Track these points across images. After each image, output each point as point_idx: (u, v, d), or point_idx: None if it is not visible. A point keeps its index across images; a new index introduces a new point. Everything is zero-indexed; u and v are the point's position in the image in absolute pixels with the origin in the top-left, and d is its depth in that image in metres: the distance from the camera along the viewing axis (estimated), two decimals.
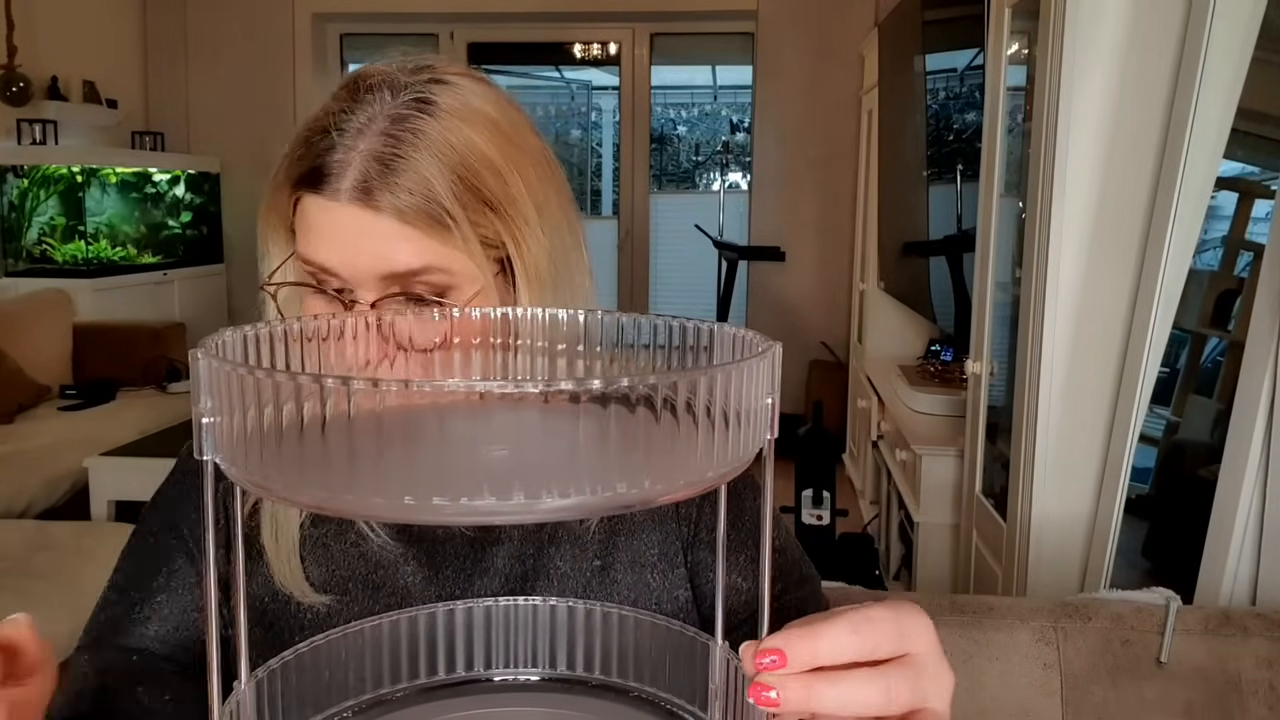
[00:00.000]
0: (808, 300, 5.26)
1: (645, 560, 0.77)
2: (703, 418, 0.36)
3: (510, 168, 0.68)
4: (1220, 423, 1.83)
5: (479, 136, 0.67)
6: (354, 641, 0.52)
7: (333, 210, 0.66)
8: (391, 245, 0.65)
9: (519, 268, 0.68)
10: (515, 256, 0.68)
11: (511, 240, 0.68)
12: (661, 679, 0.54)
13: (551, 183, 0.72)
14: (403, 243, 0.65)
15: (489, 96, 0.70)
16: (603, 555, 0.75)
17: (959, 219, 2.96)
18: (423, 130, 0.66)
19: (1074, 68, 1.61)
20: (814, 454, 3.21)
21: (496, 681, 0.56)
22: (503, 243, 0.67)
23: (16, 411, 3.77)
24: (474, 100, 0.68)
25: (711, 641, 0.51)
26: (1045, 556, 1.77)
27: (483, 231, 0.66)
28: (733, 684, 0.48)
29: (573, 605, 0.56)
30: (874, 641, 0.44)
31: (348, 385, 0.32)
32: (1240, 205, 2.40)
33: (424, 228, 0.65)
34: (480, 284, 0.67)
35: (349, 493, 0.33)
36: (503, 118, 0.69)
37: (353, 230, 0.65)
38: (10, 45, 4.52)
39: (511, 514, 0.33)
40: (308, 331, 0.47)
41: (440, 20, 5.47)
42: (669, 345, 0.48)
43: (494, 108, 0.69)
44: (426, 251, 0.65)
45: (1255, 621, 1.16)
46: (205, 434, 0.36)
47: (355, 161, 0.65)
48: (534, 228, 0.68)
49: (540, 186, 0.70)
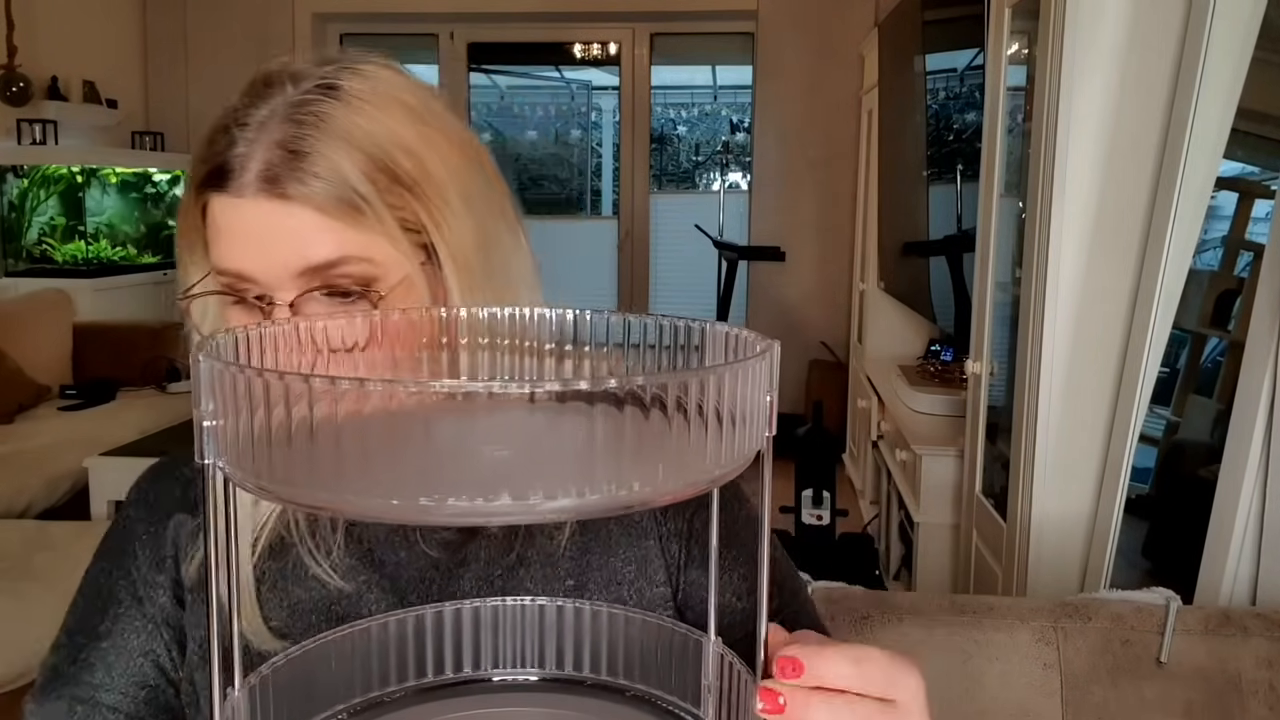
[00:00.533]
0: (808, 300, 5.26)
1: (621, 578, 0.73)
2: (704, 418, 0.36)
3: (426, 147, 0.65)
4: (1220, 423, 1.83)
5: (390, 117, 0.64)
6: (353, 642, 0.52)
7: (240, 207, 0.63)
8: (305, 237, 0.62)
9: (443, 251, 0.65)
10: (437, 240, 0.65)
11: (432, 222, 0.64)
12: (660, 678, 0.54)
13: (478, 169, 0.68)
14: (317, 233, 0.62)
15: (401, 81, 0.67)
16: (576, 574, 0.72)
17: (959, 219, 2.96)
18: (329, 114, 0.63)
19: (1074, 68, 1.61)
20: (814, 454, 3.21)
21: (496, 681, 0.55)
22: (424, 226, 0.64)
23: (16, 411, 3.77)
24: (383, 85, 0.66)
25: (705, 639, 0.51)
26: (1045, 556, 1.77)
27: (400, 214, 0.63)
28: (726, 681, 0.49)
29: (573, 605, 0.56)
30: (869, 678, 0.47)
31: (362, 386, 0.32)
32: (1240, 205, 2.40)
33: (338, 215, 0.62)
34: (405, 271, 0.64)
35: (358, 494, 0.33)
36: (416, 101, 0.66)
37: (263, 225, 0.62)
38: (10, 45, 4.52)
39: (513, 514, 0.33)
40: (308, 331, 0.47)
41: (440, 20, 5.48)
42: (672, 345, 0.48)
43: (407, 92, 0.66)
44: (344, 241, 0.63)
45: (1255, 621, 1.16)
46: (207, 437, 0.35)
47: (258, 153, 0.62)
48: (456, 210, 0.65)
49: (462, 169, 0.67)
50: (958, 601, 1.18)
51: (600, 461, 0.34)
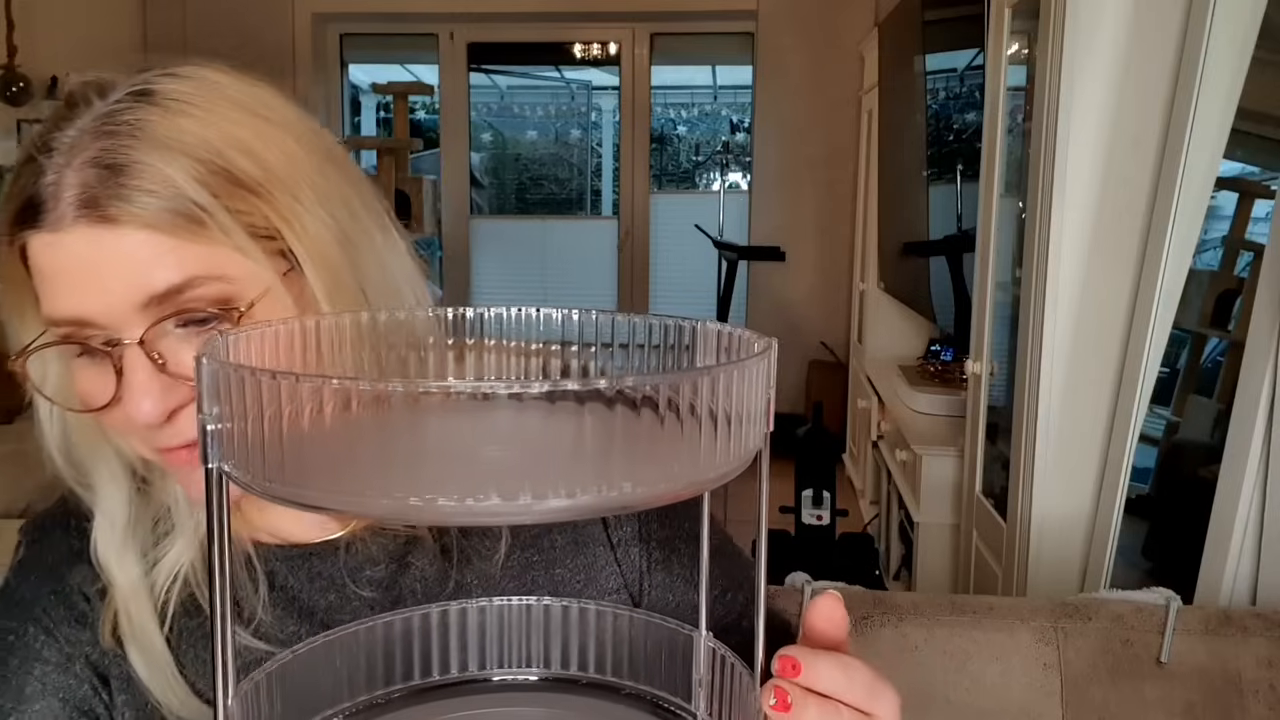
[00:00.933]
0: (808, 300, 5.26)
1: (569, 590, 0.71)
2: (701, 417, 0.36)
3: (265, 144, 0.58)
4: (1220, 423, 1.83)
5: (219, 116, 0.57)
6: (351, 643, 0.52)
7: (61, 244, 0.55)
8: (143, 263, 0.55)
9: (301, 254, 0.58)
10: (294, 242, 0.58)
11: (284, 224, 0.58)
12: (658, 676, 0.54)
13: (329, 162, 0.62)
14: (156, 256, 0.54)
15: (226, 79, 0.60)
16: (519, 593, 0.68)
17: (959, 219, 2.96)
18: (146, 121, 0.56)
19: (1074, 68, 1.61)
20: (814, 454, 3.21)
21: (495, 681, 0.55)
22: (277, 230, 0.58)
23: (18, 411, 3.77)
24: (206, 84, 0.59)
25: (695, 633, 0.51)
26: (1045, 556, 1.77)
27: (248, 220, 0.57)
28: (717, 674, 0.50)
29: (571, 605, 0.56)
30: (855, 687, 0.48)
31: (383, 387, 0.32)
32: (1240, 205, 2.40)
33: (176, 232, 0.55)
34: (265, 284, 0.57)
35: (365, 494, 0.33)
36: (247, 95, 0.60)
37: (91, 258, 0.54)
38: (10, 45, 4.52)
39: (514, 515, 0.33)
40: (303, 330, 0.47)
41: (440, 20, 5.47)
42: (662, 344, 0.48)
43: (234, 86, 0.60)
44: (188, 260, 0.55)
45: (1255, 621, 1.16)
46: (212, 441, 0.35)
47: (70, 177, 0.54)
48: (309, 208, 0.59)
49: (311, 163, 0.60)
50: (958, 601, 1.18)
51: (600, 461, 0.34)
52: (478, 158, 6.21)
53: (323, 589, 0.68)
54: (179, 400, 0.58)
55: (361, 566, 0.69)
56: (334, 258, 0.60)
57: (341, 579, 0.69)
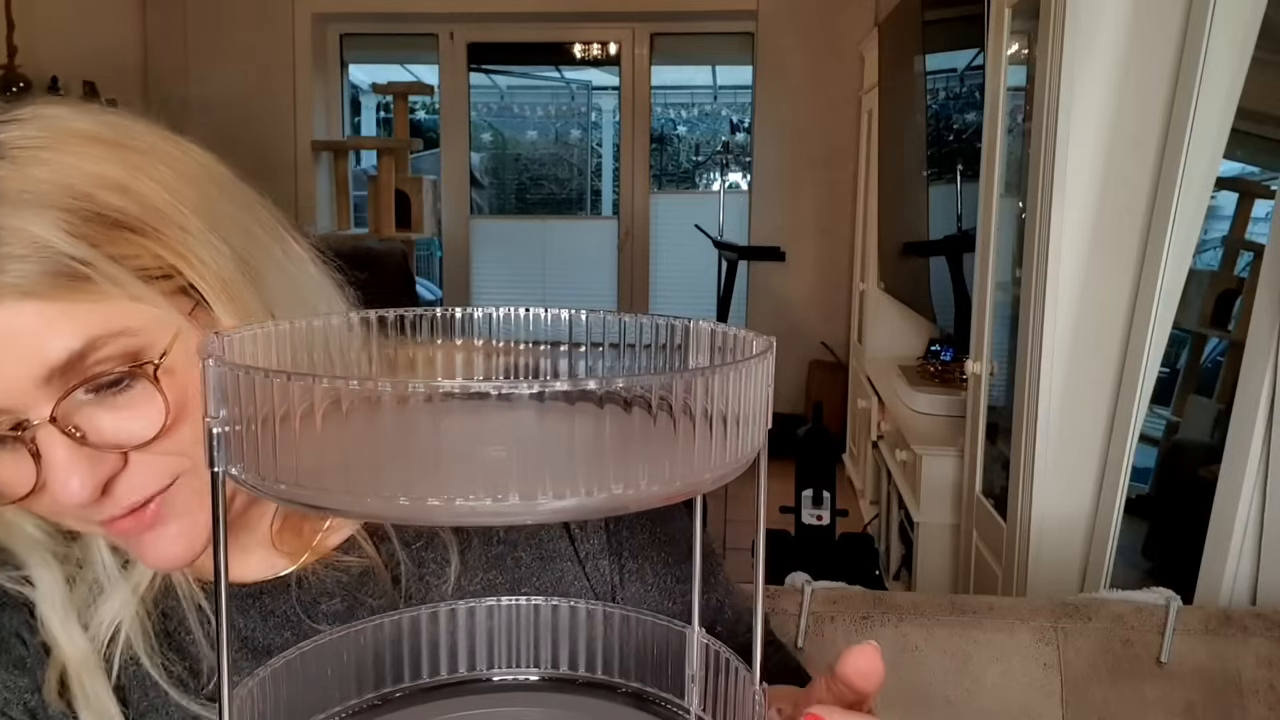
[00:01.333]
0: (808, 300, 5.26)
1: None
2: (704, 418, 0.36)
3: (135, 176, 0.53)
4: (1220, 423, 1.83)
5: (77, 156, 0.52)
6: (351, 642, 0.52)
7: None
8: (34, 336, 0.50)
9: (203, 287, 0.54)
10: (192, 275, 0.54)
11: (177, 257, 0.54)
12: (660, 676, 0.54)
13: (210, 183, 0.58)
14: (46, 325, 0.50)
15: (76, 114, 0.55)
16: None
17: (959, 219, 2.96)
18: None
19: (1074, 68, 1.61)
20: (814, 454, 3.21)
21: (495, 681, 0.55)
22: (171, 267, 0.54)
23: None
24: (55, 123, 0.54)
25: (689, 629, 0.51)
26: (1045, 556, 1.77)
27: (137, 263, 0.52)
28: (710, 669, 0.50)
29: (571, 605, 0.56)
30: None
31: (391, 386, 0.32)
32: (1240, 205, 2.40)
33: (61, 294, 0.50)
34: (173, 327, 0.53)
35: (371, 494, 0.33)
36: (105, 128, 0.55)
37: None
38: (10, 45, 4.52)
39: (515, 514, 0.33)
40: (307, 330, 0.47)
41: (440, 20, 5.47)
42: (653, 344, 0.47)
43: (84, 119, 0.55)
44: (82, 322, 0.51)
45: (1255, 621, 1.16)
46: (218, 444, 0.35)
47: None
48: (199, 236, 0.55)
49: (188, 185, 0.56)
50: (958, 601, 1.18)
51: (591, 462, 0.34)
52: (478, 158, 6.21)
53: (277, 627, 0.66)
54: (109, 470, 0.54)
55: (316, 601, 0.68)
56: (237, 284, 0.56)
57: (296, 615, 0.67)
